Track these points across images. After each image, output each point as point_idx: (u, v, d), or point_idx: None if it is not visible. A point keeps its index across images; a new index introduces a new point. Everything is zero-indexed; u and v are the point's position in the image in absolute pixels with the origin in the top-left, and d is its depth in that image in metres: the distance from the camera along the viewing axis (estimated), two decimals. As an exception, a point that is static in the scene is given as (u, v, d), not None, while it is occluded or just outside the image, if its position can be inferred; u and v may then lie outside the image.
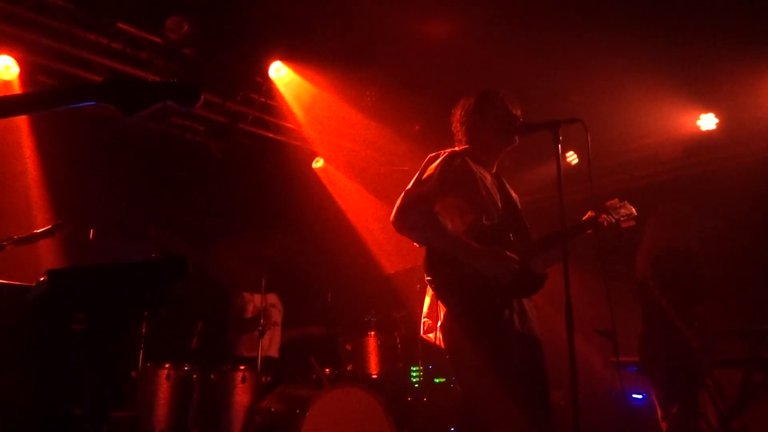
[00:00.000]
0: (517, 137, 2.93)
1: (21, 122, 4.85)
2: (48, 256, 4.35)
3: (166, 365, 4.37)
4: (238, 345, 5.20)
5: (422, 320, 2.95)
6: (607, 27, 4.72)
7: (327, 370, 4.59)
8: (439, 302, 2.77)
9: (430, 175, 2.79)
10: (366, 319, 4.96)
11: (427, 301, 2.95)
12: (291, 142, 6.28)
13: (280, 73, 5.33)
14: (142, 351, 4.24)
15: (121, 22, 4.89)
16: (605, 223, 2.91)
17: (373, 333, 4.89)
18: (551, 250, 2.82)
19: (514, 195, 3.07)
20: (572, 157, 6.27)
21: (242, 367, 4.49)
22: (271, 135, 6.21)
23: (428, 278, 2.75)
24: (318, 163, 6.66)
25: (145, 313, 2.51)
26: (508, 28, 4.92)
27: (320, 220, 6.15)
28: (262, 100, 5.86)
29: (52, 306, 2.03)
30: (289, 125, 6.09)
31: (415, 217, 2.70)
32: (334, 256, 6.07)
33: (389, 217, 2.77)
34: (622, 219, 2.99)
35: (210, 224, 5.65)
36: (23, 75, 4.75)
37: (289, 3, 4.89)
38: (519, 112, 2.96)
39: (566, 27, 4.76)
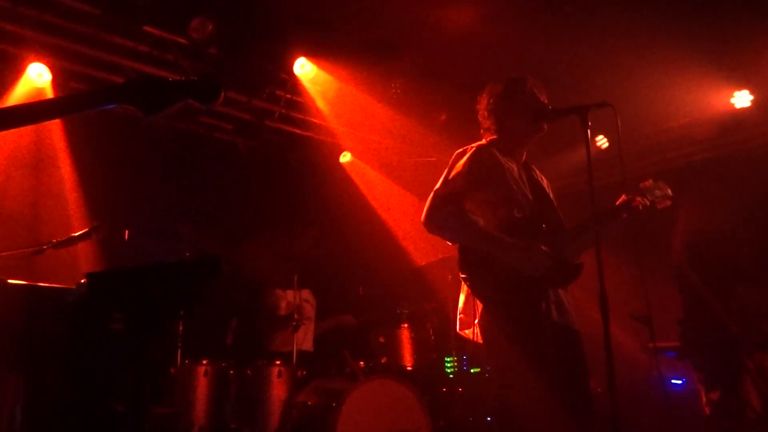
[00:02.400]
0: (545, 124, 2.90)
1: (55, 127, 4.96)
2: (85, 258, 4.44)
3: (204, 362, 4.44)
4: (272, 340, 5.26)
5: (458, 316, 2.96)
6: (634, 5, 4.62)
7: (361, 362, 4.61)
8: (475, 298, 2.78)
9: (457, 173, 2.79)
10: (398, 311, 4.97)
11: (463, 297, 2.95)
12: (318, 137, 6.30)
13: (304, 69, 5.34)
14: (179, 348, 4.31)
15: (147, 24, 4.95)
16: (640, 206, 2.85)
17: (405, 325, 4.89)
18: (584, 237, 2.79)
19: (544, 182, 3.04)
20: (602, 141, 6.16)
21: (278, 362, 4.54)
22: (297, 131, 6.24)
23: (463, 275, 2.75)
24: (345, 158, 6.67)
25: (181, 312, 2.56)
26: (532, 11, 4.85)
27: (349, 214, 6.17)
28: (288, 96, 5.88)
29: (92, 307, 2.09)
30: (315, 121, 6.11)
31: (445, 216, 2.71)
32: (365, 250, 6.08)
33: (418, 208, 2.79)
34: (657, 200, 2.93)
35: (241, 222, 5.71)
36: (55, 81, 4.85)
37: (312, 4, 4.90)
38: (546, 99, 2.92)
39: (592, 8, 4.67)
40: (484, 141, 2.98)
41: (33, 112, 1.68)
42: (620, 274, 3.23)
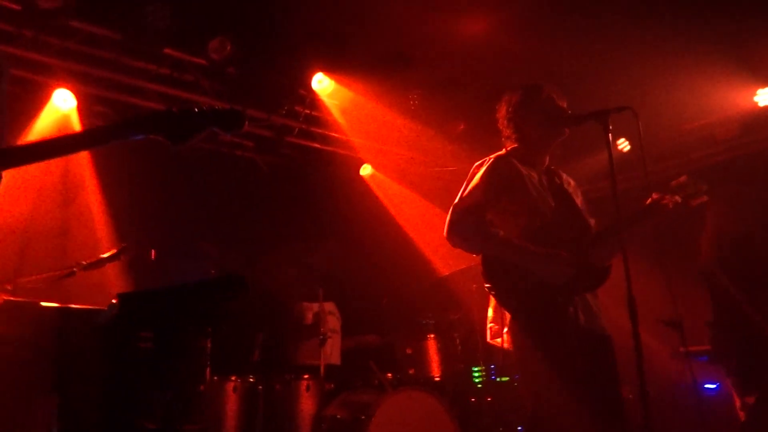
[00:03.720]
0: (565, 129, 2.89)
1: (81, 152, 5.05)
2: (114, 279, 4.51)
3: (232, 378, 4.46)
4: (298, 354, 5.27)
5: (488, 326, 2.97)
6: (651, 6, 4.59)
7: (389, 374, 4.61)
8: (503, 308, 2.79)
9: (476, 185, 2.82)
10: (423, 322, 4.96)
11: (491, 306, 2.96)
12: (338, 151, 6.35)
13: (322, 84, 5.40)
14: (208, 365, 4.34)
15: (167, 47, 5.04)
16: (670, 204, 2.78)
17: (431, 336, 4.88)
18: (612, 241, 2.76)
19: (570, 186, 3.03)
20: (623, 144, 6.11)
21: (306, 376, 4.55)
22: (317, 146, 6.29)
23: (488, 285, 2.76)
24: (365, 170, 6.70)
25: (209, 329, 2.59)
26: (548, 18, 4.85)
27: (371, 226, 6.19)
28: (307, 112, 5.94)
29: (123, 327, 2.12)
30: (334, 135, 6.16)
31: (467, 229, 2.74)
32: (388, 261, 6.09)
33: (439, 218, 2.81)
34: (691, 196, 2.81)
35: (264, 237, 5.76)
36: (80, 106, 4.96)
37: (325, 15, 4.96)
38: (565, 104, 2.92)
39: (608, 11, 4.66)
40: (503, 151, 2.99)
41: (64, 145, 1.73)
42: (648, 279, 3.19)
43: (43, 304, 2.88)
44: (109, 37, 4.75)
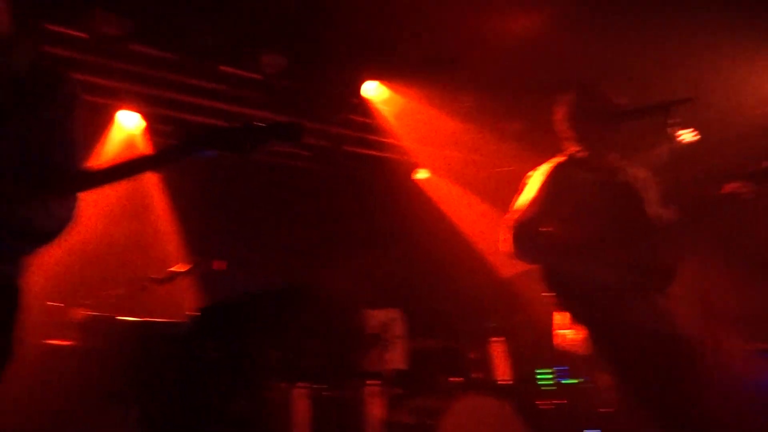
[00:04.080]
0: (626, 124, 2.83)
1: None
2: (184, 291, 4.66)
3: (300, 385, 4.53)
4: (365, 360, 5.30)
5: (556, 329, 2.94)
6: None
7: (455, 379, 4.59)
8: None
9: (531, 198, 2.82)
10: (487, 325, 4.92)
11: (556, 313, 2.94)
12: (393, 157, 6.38)
13: (374, 91, 5.45)
14: (277, 373, 4.41)
15: (222, 65, 5.19)
16: (751, 194, 2.67)
17: (496, 339, 4.84)
18: (673, 238, 2.70)
19: (637, 181, 2.96)
20: (687, 135, 5.90)
21: (373, 382, 4.58)
22: (373, 153, 6.35)
23: (550, 294, 2.76)
24: (420, 174, 6.71)
25: (281, 338, 2.64)
26: (600, 10, 4.73)
27: (430, 230, 6.18)
28: (361, 119, 6.00)
29: (200, 339, 2.19)
30: (389, 141, 6.19)
31: (522, 242, 2.75)
32: (448, 265, 6.07)
33: (498, 219, 2.82)
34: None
35: (326, 246, 5.84)
36: (144, 126, 5.17)
37: (373, 23, 4.99)
38: (625, 99, 2.86)
39: (663, 1, 4.52)
40: (562, 156, 2.95)
41: (137, 165, 1.82)
42: (717, 275, 3.08)
43: (122, 318, 3.01)
44: (168, 58, 4.93)
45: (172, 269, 3.62)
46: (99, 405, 3.14)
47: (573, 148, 2.93)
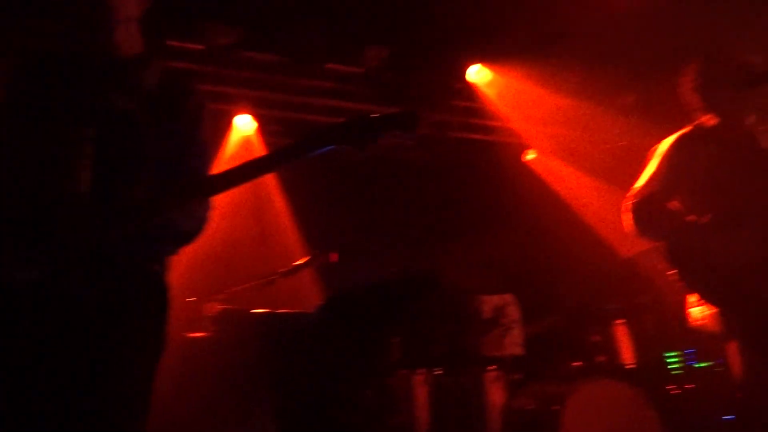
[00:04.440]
0: (758, 88, 2.64)
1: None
2: (307, 283, 4.87)
3: (420, 371, 4.59)
4: (482, 346, 5.28)
5: (689, 308, 2.82)
6: None
7: (578, 363, 4.48)
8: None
9: (654, 172, 2.71)
10: (610, 307, 4.74)
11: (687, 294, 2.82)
12: (500, 140, 6.29)
13: (478, 74, 5.40)
14: (399, 360, 4.51)
15: (327, 63, 5.33)
16: None
17: (620, 321, 4.66)
18: None
19: None
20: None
21: (492, 367, 4.56)
22: (479, 137, 6.29)
23: (673, 272, 2.65)
24: (530, 156, 6.57)
25: (405, 325, 2.69)
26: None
27: (543, 212, 6.05)
28: (465, 104, 5.96)
29: (329, 328, 2.29)
30: (495, 124, 6.11)
31: (644, 219, 2.68)
32: (564, 246, 5.90)
33: (615, 196, 2.76)
34: None
35: (438, 233, 5.87)
36: (259, 128, 5.43)
37: (473, 5, 4.93)
38: (758, 59, 2.67)
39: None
40: (689, 126, 2.81)
41: (261, 166, 1.92)
42: None
43: (255, 310, 3.19)
44: (278, 60, 5.14)
45: (294, 263, 3.78)
46: (234, 392, 3.35)
47: (702, 118, 2.78)
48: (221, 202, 2.00)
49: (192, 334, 3.84)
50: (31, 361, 1.64)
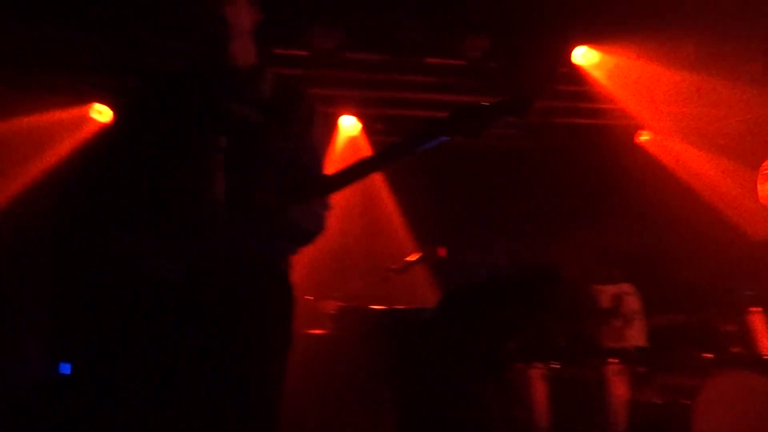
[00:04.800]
0: None
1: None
2: (420, 278, 4.90)
3: (537, 365, 4.49)
4: (601, 338, 5.10)
5: None
6: None
7: (707, 355, 4.21)
8: None
9: None
10: (743, 294, 4.41)
11: None
12: (611, 123, 6.03)
13: (585, 57, 5.18)
14: (517, 354, 4.44)
15: (427, 57, 5.33)
16: None
17: (756, 308, 4.32)
18: None
19: None
20: None
21: (613, 360, 4.39)
22: (587, 122, 6.07)
23: None
24: (644, 137, 6.25)
25: (520, 319, 2.65)
26: None
27: (662, 196, 5.72)
28: (571, 89, 5.75)
29: (448, 323, 2.29)
30: (605, 107, 5.86)
31: None
32: (687, 231, 5.56)
33: (741, 175, 2.54)
34: None
35: (550, 223, 5.72)
36: (364, 127, 5.54)
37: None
38: None
39: None
40: None
41: (372, 164, 1.95)
42: None
43: (373, 307, 3.25)
44: (378, 59, 5.20)
45: (406, 259, 3.82)
46: (354, 388, 3.43)
47: None
48: (333, 200, 2.05)
49: (312, 331, 3.97)
50: (173, 356, 1.78)
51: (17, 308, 5.05)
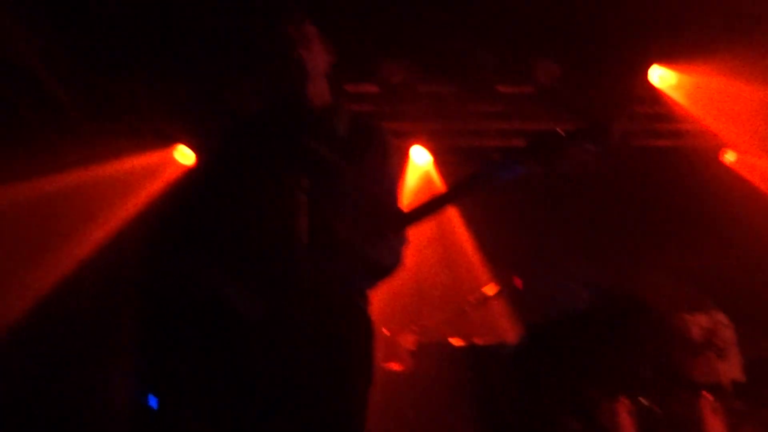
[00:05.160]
0: None
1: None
2: (497, 310, 4.80)
3: (624, 400, 4.28)
4: (692, 370, 4.81)
5: None
6: None
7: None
8: None
9: None
10: None
11: None
12: (691, 143, 5.79)
13: (662, 77, 5.03)
14: (603, 388, 4.26)
15: (498, 84, 5.30)
16: None
17: None
18: None
19: None
20: None
21: (707, 394, 4.13)
22: (666, 143, 5.86)
23: None
24: (729, 156, 5.96)
25: (607, 352, 2.54)
26: None
27: (752, 217, 5.41)
28: (648, 110, 5.59)
29: (532, 358, 2.22)
30: (684, 127, 5.65)
31: None
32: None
33: None
34: None
35: (630, 249, 5.51)
36: (435, 159, 5.54)
37: (649, 6, 4.63)
38: None
39: None
40: None
41: (449, 197, 1.94)
42: None
43: (452, 341, 3.20)
44: (448, 90, 5.23)
45: (483, 291, 3.75)
46: (434, 425, 3.36)
47: None
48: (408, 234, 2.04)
49: (389, 366, 3.94)
50: (255, 393, 1.80)
51: (107, 344, 5.27)
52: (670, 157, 5.93)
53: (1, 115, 4.66)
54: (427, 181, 5.58)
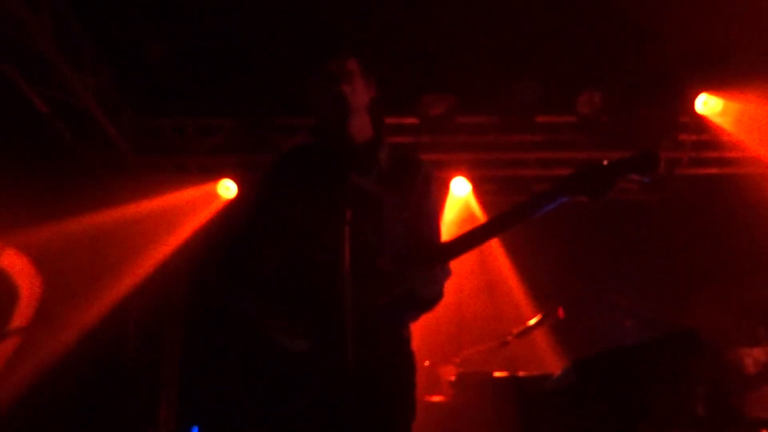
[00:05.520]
0: None
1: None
2: (540, 342, 4.71)
3: (678, 437, 4.12)
4: (750, 406, 4.61)
5: None
6: None
7: None
8: None
9: None
10: None
11: None
12: (740, 171, 5.64)
13: (708, 104, 4.94)
14: (656, 424, 4.12)
15: (538, 115, 5.29)
16: None
17: None
18: None
19: None
20: None
21: (764, 431, 3.94)
22: (713, 171, 5.72)
23: None
24: (782, 184, 5.76)
25: (660, 387, 2.46)
26: None
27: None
28: (694, 138, 5.48)
29: (579, 392, 2.17)
30: (732, 155, 5.51)
31: None
32: None
33: None
34: None
35: (680, 281, 5.36)
36: (475, 189, 5.52)
37: (693, 35, 4.58)
38: None
39: None
40: None
41: (492, 229, 1.92)
42: None
43: (495, 374, 3.14)
44: (489, 121, 5.25)
45: (527, 322, 3.69)
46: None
47: None
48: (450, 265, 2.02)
49: (431, 399, 3.88)
50: (303, 423, 1.79)
51: (153, 376, 5.35)
52: (718, 185, 5.78)
53: (55, 152, 4.86)
54: (467, 211, 5.55)
